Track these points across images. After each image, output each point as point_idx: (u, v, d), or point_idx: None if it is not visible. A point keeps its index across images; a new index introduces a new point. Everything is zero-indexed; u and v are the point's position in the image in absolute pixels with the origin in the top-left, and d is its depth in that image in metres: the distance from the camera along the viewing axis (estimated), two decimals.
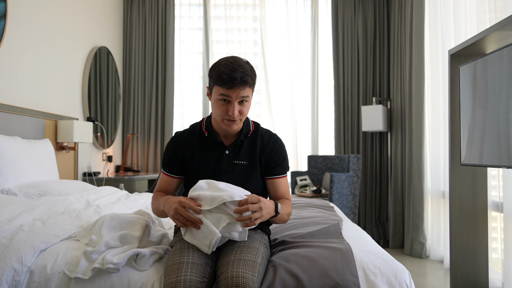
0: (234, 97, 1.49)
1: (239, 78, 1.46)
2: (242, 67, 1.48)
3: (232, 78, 1.46)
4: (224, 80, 1.46)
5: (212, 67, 1.53)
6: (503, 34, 1.97)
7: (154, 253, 1.47)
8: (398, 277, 1.38)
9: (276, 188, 1.65)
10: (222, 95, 1.49)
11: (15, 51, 2.91)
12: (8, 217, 1.74)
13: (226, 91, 1.48)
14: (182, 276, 1.24)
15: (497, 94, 1.88)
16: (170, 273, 1.27)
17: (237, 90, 1.48)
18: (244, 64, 1.51)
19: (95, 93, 4.09)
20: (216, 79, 1.49)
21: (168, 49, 4.66)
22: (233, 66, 1.47)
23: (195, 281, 1.24)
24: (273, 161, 1.63)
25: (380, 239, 4.45)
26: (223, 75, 1.46)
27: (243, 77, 1.47)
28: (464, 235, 2.45)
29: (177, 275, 1.24)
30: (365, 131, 4.38)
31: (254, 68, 1.56)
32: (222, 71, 1.47)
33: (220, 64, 1.50)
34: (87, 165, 3.92)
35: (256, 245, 1.43)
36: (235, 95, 1.49)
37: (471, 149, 2.14)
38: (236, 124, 1.55)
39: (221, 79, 1.47)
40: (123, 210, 2.29)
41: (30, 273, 1.42)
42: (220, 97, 1.50)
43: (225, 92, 1.49)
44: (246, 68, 1.50)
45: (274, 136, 1.68)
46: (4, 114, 2.71)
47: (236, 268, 1.24)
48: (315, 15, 4.70)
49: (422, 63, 3.82)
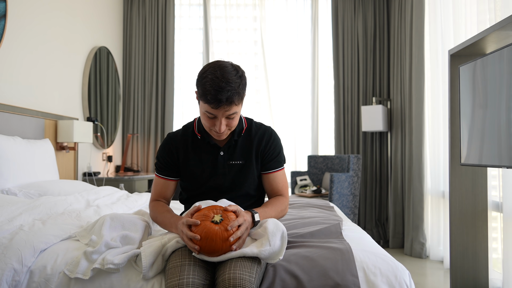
0: (220, 115, 1.45)
1: (224, 100, 1.39)
2: (230, 84, 1.39)
3: (218, 100, 1.39)
4: (209, 100, 1.40)
5: (198, 77, 1.45)
6: (503, 34, 1.97)
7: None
8: (398, 277, 1.38)
9: (271, 183, 1.64)
10: (208, 112, 1.45)
11: (15, 51, 2.91)
12: (8, 217, 1.74)
13: (212, 110, 1.43)
14: (185, 278, 1.23)
15: (497, 94, 1.88)
16: (172, 275, 1.26)
17: (222, 110, 1.43)
18: (232, 79, 1.40)
19: (95, 93, 4.09)
20: (201, 95, 1.43)
21: (168, 49, 4.66)
22: (219, 85, 1.38)
23: (198, 283, 1.24)
24: (268, 155, 1.63)
25: (380, 239, 4.45)
26: (208, 95, 1.39)
27: (229, 98, 1.40)
28: (464, 235, 2.45)
29: (179, 277, 1.24)
30: (365, 131, 4.38)
31: (244, 76, 1.47)
32: (208, 90, 1.39)
33: (206, 78, 1.41)
34: (87, 165, 3.92)
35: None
36: (221, 113, 1.44)
37: (471, 149, 2.14)
38: (224, 135, 1.53)
39: (206, 98, 1.41)
40: (123, 210, 2.29)
41: (30, 273, 1.42)
42: (206, 113, 1.46)
43: (211, 110, 1.44)
44: (234, 86, 1.40)
45: (268, 129, 1.66)
46: (4, 114, 2.71)
47: (233, 269, 1.24)
48: (315, 15, 4.70)
49: (422, 63, 3.81)
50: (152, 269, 1.36)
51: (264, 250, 1.29)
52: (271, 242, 1.31)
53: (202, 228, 1.32)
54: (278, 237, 1.34)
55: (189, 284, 1.22)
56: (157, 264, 1.37)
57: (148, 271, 1.34)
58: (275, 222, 1.38)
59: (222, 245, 1.30)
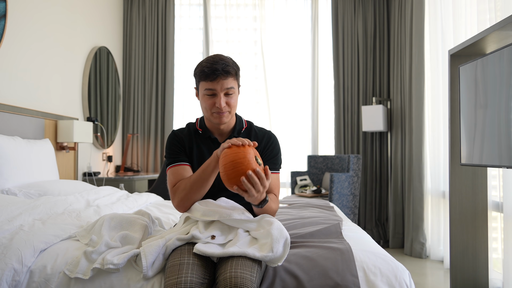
0: (219, 89, 1.54)
1: (220, 69, 1.52)
2: (223, 60, 1.55)
3: (214, 70, 1.52)
4: (206, 73, 1.53)
5: (195, 67, 1.60)
6: (503, 34, 1.97)
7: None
8: (398, 277, 1.38)
9: None
10: (208, 89, 1.55)
11: (15, 51, 2.91)
12: (8, 217, 1.74)
13: (210, 84, 1.54)
14: (183, 277, 1.23)
15: (497, 94, 1.88)
16: (171, 274, 1.26)
17: (220, 82, 1.54)
18: (225, 58, 1.57)
19: (95, 93, 4.09)
20: (199, 74, 1.56)
21: (168, 49, 4.66)
22: (213, 60, 1.55)
23: (196, 282, 1.24)
24: (266, 154, 1.66)
25: (380, 239, 4.45)
26: (205, 68, 1.54)
27: (224, 68, 1.53)
28: (464, 235, 2.45)
29: (177, 276, 1.24)
30: (365, 131, 4.38)
31: (236, 62, 1.61)
32: (204, 65, 1.55)
33: (202, 62, 1.58)
34: (87, 165, 3.92)
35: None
36: (219, 86, 1.54)
37: (471, 149, 2.14)
38: (225, 116, 1.59)
39: (203, 73, 1.54)
40: (123, 210, 2.29)
41: (30, 273, 1.42)
42: (206, 92, 1.56)
43: (210, 85, 1.54)
44: (227, 60, 1.56)
45: (268, 132, 1.72)
46: (4, 114, 2.71)
47: (234, 268, 1.24)
48: (315, 15, 4.70)
49: (422, 63, 3.81)
50: (152, 269, 1.36)
51: (266, 256, 1.30)
52: (274, 249, 1.31)
53: (243, 150, 1.39)
54: (281, 244, 1.34)
55: (187, 282, 1.22)
56: (157, 264, 1.37)
57: (148, 271, 1.34)
58: (280, 228, 1.38)
59: (248, 166, 1.36)
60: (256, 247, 1.34)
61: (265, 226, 1.42)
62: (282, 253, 1.33)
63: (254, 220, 1.47)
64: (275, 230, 1.37)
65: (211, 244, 1.38)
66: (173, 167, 1.62)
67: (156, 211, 2.34)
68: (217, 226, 1.46)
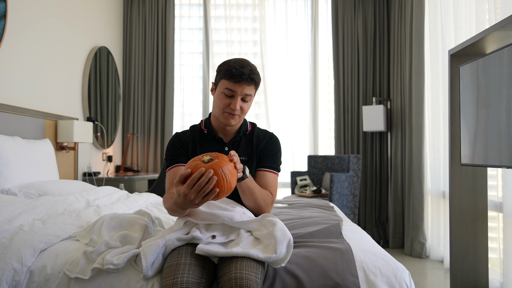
0: (239, 92, 1.56)
1: (247, 74, 1.54)
2: (251, 67, 1.58)
3: (241, 73, 1.54)
4: (233, 73, 1.54)
5: (221, 63, 1.61)
6: (503, 34, 1.97)
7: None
8: (398, 277, 1.38)
9: (260, 181, 1.63)
10: (228, 89, 1.56)
11: (15, 51, 2.91)
12: (8, 217, 1.74)
13: (232, 85, 1.55)
14: (179, 277, 1.23)
15: (497, 94, 1.88)
16: (168, 275, 1.26)
17: (243, 86, 1.55)
18: (252, 65, 1.60)
19: (95, 93, 4.09)
20: (225, 72, 1.56)
21: (168, 49, 4.66)
22: (242, 63, 1.57)
23: (192, 282, 1.24)
24: (265, 152, 1.67)
25: (380, 239, 4.45)
26: (232, 69, 1.55)
27: (251, 74, 1.56)
28: (464, 235, 2.45)
29: (174, 276, 1.24)
30: (365, 131, 4.38)
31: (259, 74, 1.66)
32: (232, 65, 1.56)
33: (230, 61, 1.59)
34: (87, 165, 3.92)
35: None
36: (240, 90, 1.55)
37: (471, 149, 2.14)
38: (235, 119, 1.60)
39: (230, 72, 1.55)
40: (123, 210, 2.29)
41: (30, 273, 1.42)
42: (225, 91, 1.56)
43: (231, 86, 1.55)
44: (254, 69, 1.59)
45: (270, 134, 1.74)
46: (4, 114, 2.71)
47: (239, 269, 1.24)
48: (315, 15, 4.70)
49: (422, 63, 3.82)
50: (152, 269, 1.36)
51: (270, 257, 1.30)
52: (277, 250, 1.31)
53: (195, 166, 1.28)
54: (284, 245, 1.34)
55: (183, 283, 1.22)
56: (157, 264, 1.37)
57: (148, 271, 1.34)
58: (283, 229, 1.38)
59: (230, 170, 1.29)
60: (260, 248, 1.34)
61: (267, 226, 1.42)
62: (286, 255, 1.33)
63: (255, 220, 1.47)
64: (278, 232, 1.37)
65: (213, 244, 1.38)
66: (171, 169, 1.63)
67: (156, 211, 2.34)
68: (218, 226, 1.46)
